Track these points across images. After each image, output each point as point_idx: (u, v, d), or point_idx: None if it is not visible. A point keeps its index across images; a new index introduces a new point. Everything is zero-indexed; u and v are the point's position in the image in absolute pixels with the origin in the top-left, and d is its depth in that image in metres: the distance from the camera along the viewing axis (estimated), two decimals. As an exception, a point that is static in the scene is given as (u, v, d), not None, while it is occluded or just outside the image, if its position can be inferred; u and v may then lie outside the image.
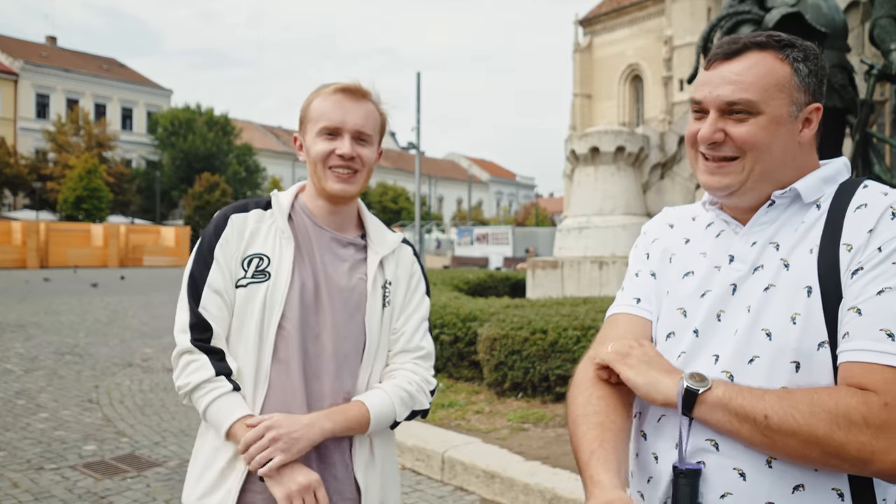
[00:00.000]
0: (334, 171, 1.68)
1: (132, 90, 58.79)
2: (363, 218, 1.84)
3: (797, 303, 1.15)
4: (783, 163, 1.24)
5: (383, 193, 62.93)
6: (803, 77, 1.23)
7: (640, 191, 9.71)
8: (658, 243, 1.44)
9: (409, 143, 33.16)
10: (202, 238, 1.70)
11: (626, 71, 41.33)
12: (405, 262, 1.84)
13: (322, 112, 1.68)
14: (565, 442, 4.79)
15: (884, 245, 1.12)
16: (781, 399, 1.09)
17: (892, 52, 7.05)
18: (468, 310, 6.71)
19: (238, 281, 1.65)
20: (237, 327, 1.65)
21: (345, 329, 1.68)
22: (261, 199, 1.76)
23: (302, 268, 1.68)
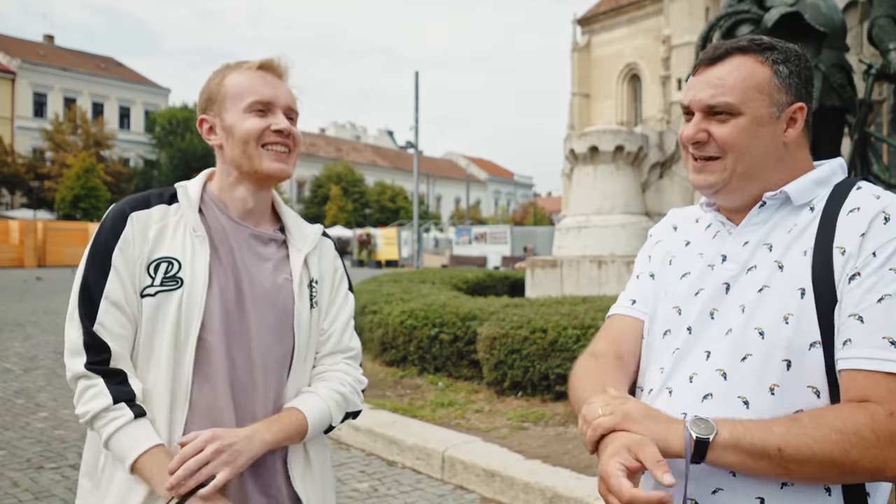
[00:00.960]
0: (270, 149, 1.52)
1: (130, 89, 58.73)
2: (279, 210, 1.66)
3: (790, 304, 1.17)
4: (766, 162, 1.27)
5: (381, 192, 62.90)
6: (784, 78, 1.27)
7: (639, 190, 9.72)
8: (661, 245, 1.48)
9: (407, 142, 33.15)
10: (95, 239, 1.48)
11: (624, 70, 41.35)
12: (328, 256, 1.70)
13: (248, 87, 1.52)
14: (565, 440, 4.80)
15: (878, 250, 1.13)
16: (790, 428, 1.09)
17: (891, 51, 7.06)
18: (467, 309, 6.71)
19: (144, 290, 1.45)
20: (146, 342, 1.45)
21: (272, 335, 1.53)
22: (163, 192, 1.55)
23: (220, 270, 1.50)
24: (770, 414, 1.15)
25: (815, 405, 1.14)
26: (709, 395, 1.22)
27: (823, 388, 1.14)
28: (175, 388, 1.45)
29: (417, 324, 6.77)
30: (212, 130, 1.58)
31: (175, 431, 1.45)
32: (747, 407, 1.17)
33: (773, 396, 1.16)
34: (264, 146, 1.52)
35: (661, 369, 1.33)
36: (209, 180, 1.62)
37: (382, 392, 6.38)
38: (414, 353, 6.81)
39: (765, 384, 1.16)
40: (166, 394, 1.45)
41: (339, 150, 72.58)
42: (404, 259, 38.54)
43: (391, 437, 5.04)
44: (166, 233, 1.49)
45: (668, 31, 35.83)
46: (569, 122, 42.27)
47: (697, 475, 1.18)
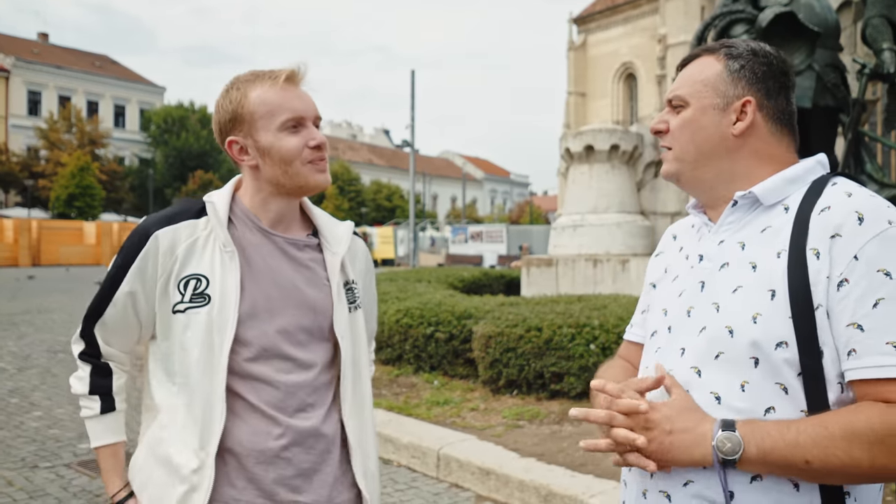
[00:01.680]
0: (312, 165, 1.52)
1: (125, 87, 58.59)
2: (309, 212, 1.66)
3: (760, 304, 1.18)
4: (714, 153, 1.30)
5: (377, 191, 62.88)
6: (733, 71, 1.30)
7: (635, 189, 9.74)
8: (662, 257, 1.52)
9: (403, 140, 33.16)
10: (120, 251, 1.52)
11: (620, 69, 41.36)
12: (361, 257, 1.72)
13: (278, 104, 1.50)
14: (560, 439, 4.82)
15: (859, 253, 1.12)
16: (818, 437, 1.09)
17: (884, 51, 7.08)
18: (463, 307, 6.72)
19: (175, 306, 1.48)
20: (180, 357, 1.49)
21: (313, 342, 1.56)
22: (191, 206, 1.55)
23: (253, 284, 1.51)
24: (740, 408, 1.17)
25: (784, 401, 1.15)
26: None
27: (793, 385, 1.15)
28: (209, 402, 1.47)
29: (413, 322, 6.77)
30: (243, 151, 1.54)
31: (210, 444, 1.47)
32: (719, 402, 1.19)
33: (744, 393, 1.17)
34: (309, 162, 1.52)
35: (647, 368, 1.37)
36: (237, 189, 1.61)
37: (378, 391, 6.38)
38: (409, 351, 6.82)
39: (735, 381, 1.18)
40: (198, 407, 1.47)
41: (335, 148, 72.52)
42: (400, 258, 38.55)
43: (387, 436, 5.05)
44: (196, 249, 1.50)
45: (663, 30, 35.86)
46: (565, 121, 42.28)
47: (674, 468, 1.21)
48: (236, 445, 1.49)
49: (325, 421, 1.57)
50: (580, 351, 5.40)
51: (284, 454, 1.51)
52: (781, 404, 1.16)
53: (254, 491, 1.49)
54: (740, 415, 1.17)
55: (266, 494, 1.50)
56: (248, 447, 1.49)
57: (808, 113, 7.24)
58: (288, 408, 1.52)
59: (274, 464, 1.50)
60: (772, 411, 1.16)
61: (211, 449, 1.46)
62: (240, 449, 1.49)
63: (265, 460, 1.50)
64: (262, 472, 1.50)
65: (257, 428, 1.49)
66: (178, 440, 1.48)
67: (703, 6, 34.35)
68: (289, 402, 1.52)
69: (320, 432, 1.55)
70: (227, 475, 1.49)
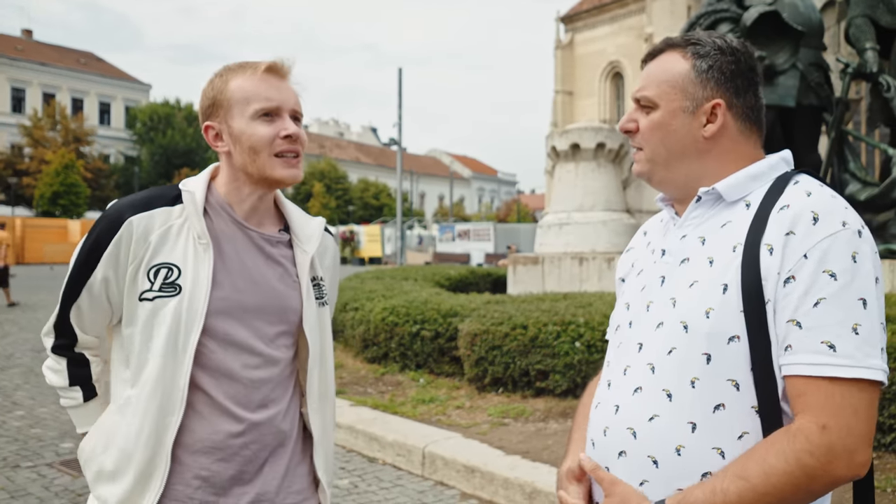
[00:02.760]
0: (283, 157, 1.50)
1: (110, 84, 58.14)
2: (282, 207, 1.64)
3: (713, 298, 1.18)
4: (685, 155, 1.30)
5: (365, 190, 62.74)
6: (701, 72, 1.28)
7: (621, 187, 9.77)
8: (631, 252, 1.52)
9: (390, 139, 33.14)
10: (89, 235, 1.50)
11: (607, 68, 41.48)
12: (330, 254, 1.72)
13: (254, 92, 1.49)
14: (545, 436, 4.83)
15: (809, 252, 1.13)
16: (742, 495, 1.10)
17: (867, 50, 7.15)
18: (449, 306, 6.72)
19: (143, 293, 1.45)
20: (142, 344, 1.46)
21: (281, 338, 1.56)
22: (166, 193, 1.51)
23: (225, 277, 1.49)
24: (691, 406, 1.18)
25: (734, 398, 1.16)
26: (639, 388, 1.25)
27: (744, 381, 1.16)
28: (169, 393, 1.45)
29: (399, 321, 6.77)
30: (218, 137, 1.54)
31: (167, 435, 1.44)
32: (670, 399, 1.20)
33: (694, 389, 1.18)
34: (277, 154, 1.50)
35: (608, 363, 1.38)
36: (213, 179, 1.59)
37: (364, 389, 6.37)
38: (395, 349, 6.81)
39: (686, 377, 1.19)
40: (156, 397, 1.45)
41: (322, 146, 72.29)
42: (387, 256, 38.51)
43: (372, 434, 5.04)
44: (169, 237, 1.47)
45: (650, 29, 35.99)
46: (552, 120, 42.37)
47: (623, 466, 1.25)
48: (195, 441, 1.47)
49: (285, 415, 1.57)
50: (565, 349, 5.42)
51: (243, 452, 1.50)
52: (731, 401, 1.16)
53: (208, 488, 1.48)
54: (689, 412, 1.18)
55: (219, 491, 1.48)
56: (207, 444, 1.47)
57: (792, 112, 7.29)
58: (250, 403, 1.50)
59: (231, 461, 1.49)
60: (721, 408, 1.17)
61: (167, 442, 1.44)
62: (198, 445, 1.47)
63: (223, 458, 1.48)
64: (218, 468, 1.48)
65: (217, 425, 1.48)
66: (133, 431, 1.45)
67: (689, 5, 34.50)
68: (252, 397, 1.50)
69: (278, 427, 1.54)
70: (180, 471, 1.46)
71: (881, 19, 7.20)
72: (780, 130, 7.39)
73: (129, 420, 1.46)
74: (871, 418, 1.11)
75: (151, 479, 1.45)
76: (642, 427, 1.23)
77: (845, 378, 1.09)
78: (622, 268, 1.52)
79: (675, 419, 1.19)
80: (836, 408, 1.09)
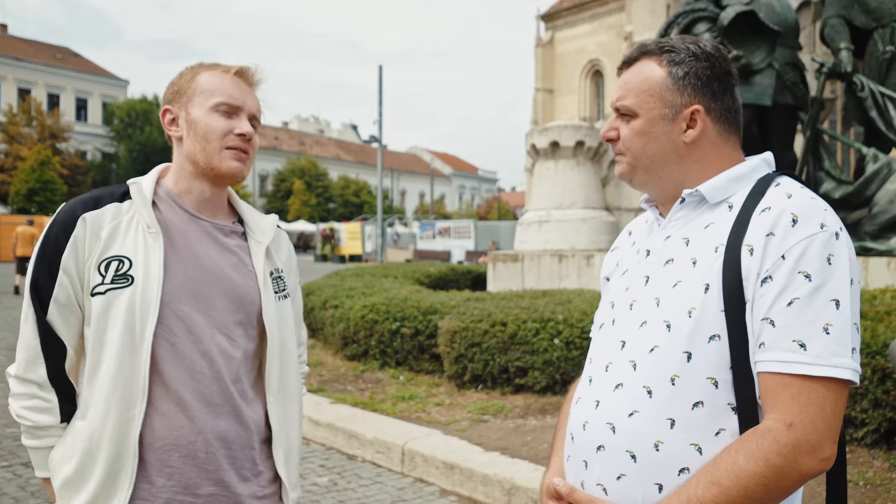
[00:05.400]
0: (231, 150, 1.53)
1: (87, 80, 57.36)
2: (234, 202, 1.67)
3: (695, 298, 1.21)
4: (666, 161, 1.32)
5: (345, 187, 62.53)
6: (678, 79, 1.30)
7: (600, 185, 9.83)
8: (616, 252, 1.54)
9: (371, 136, 33.02)
10: (45, 239, 1.48)
11: (587, 66, 41.67)
12: (285, 248, 1.72)
13: (218, 88, 1.54)
14: (524, 433, 4.85)
15: (787, 253, 1.15)
16: (714, 494, 1.13)
17: (842, 50, 7.25)
18: (429, 303, 6.73)
19: (95, 288, 1.44)
20: (96, 339, 1.45)
21: (239, 328, 1.55)
22: (115, 190, 1.54)
23: (178, 265, 1.49)
24: (670, 403, 1.20)
25: (714, 395, 1.18)
26: (620, 384, 1.27)
27: (723, 378, 1.18)
28: (130, 387, 1.43)
29: (379, 318, 6.76)
30: (174, 122, 1.58)
31: (132, 430, 1.43)
32: (650, 396, 1.22)
33: (674, 387, 1.20)
34: (227, 147, 1.53)
35: (591, 360, 1.40)
36: (162, 176, 1.61)
37: (343, 386, 6.36)
38: (375, 347, 6.81)
39: (666, 374, 1.21)
40: (117, 392, 1.43)
41: (302, 143, 71.92)
42: (368, 253, 38.42)
43: (351, 431, 5.03)
44: (119, 231, 1.48)
45: (630, 27, 36.20)
46: (532, 118, 42.49)
47: (602, 460, 1.26)
48: (156, 438, 1.45)
49: (249, 409, 1.56)
50: (544, 345, 5.44)
51: (208, 448, 1.48)
52: (709, 399, 1.19)
53: (175, 487, 1.46)
54: (668, 408, 1.20)
55: (186, 489, 1.47)
56: (168, 441, 1.46)
57: (768, 110, 7.38)
58: (212, 396, 1.49)
59: (195, 457, 1.47)
60: (700, 405, 1.19)
61: (132, 436, 1.43)
62: (160, 442, 1.45)
63: (187, 454, 1.47)
64: (183, 465, 1.47)
65: (178, 420, 1.46)
66: (96, 428, 1.44)
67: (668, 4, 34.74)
68: (213, 389, 1.49)
69: (243, 420, 1.53)
70: (146, 471, 1.45)
71: (855, 20, 7.31)
72: (757, 129, 7.48)
73: (91, 419, 1.45)
74: (836, 415, 1.14)
75: (119, 478, 1.43)
76: (622, 422, 1.25)
77: (813, 376, 1.12)
78: (607, 267, 1.54)
79: (655, 415, 1.21)
80: (802, 405, 1.12)
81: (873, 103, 7.06)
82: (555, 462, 1.45)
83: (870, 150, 7.08)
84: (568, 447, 1.38)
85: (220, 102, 1.53)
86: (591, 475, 1.29)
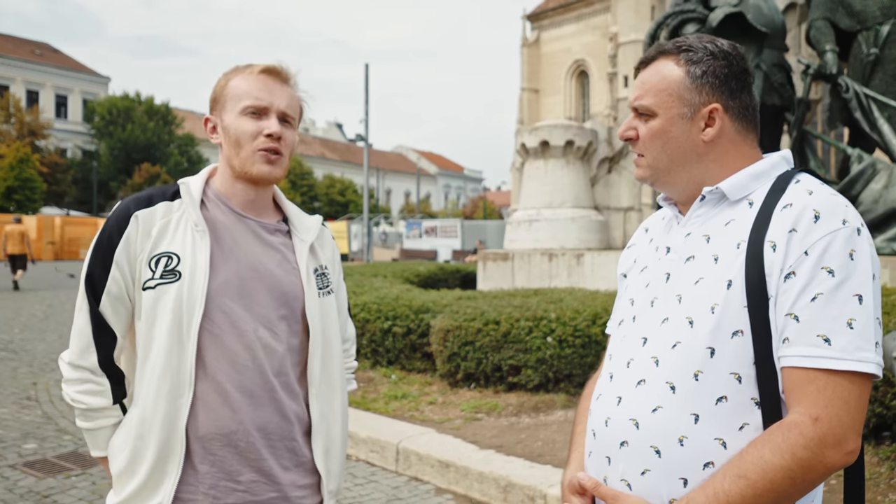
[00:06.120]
0: (261, 153, 1.58)
1: (67, 77, 56.71)
2: (280, 202, 1.73)
3: (718, 294, 1.22)
4: (686, 159, 1.33)
5: (330, 186, 62.31)
6: (696, 78, 1.31)
7: (589, 184, 9.88)
8: (633, 248, 1.55)
9: (357, 135, 32.93)
10: (101, 235, 1.56)
11: (572, 66, 41.83)
12: (328, 246, 1.78)
13: (246, 91, 1.59)
14: (518, 430, 4.87)
15: (810, 249, 1.17)
16: (745, 494, 1.14)
17: (827, 52, 7.34)
18: (420, 302, 6.73)
19: (145, 283, 1.52)
20: (146, 332, 1.52)
21: (283, 323, 1.60)
22: (166, 189, 1.61)
23: (223, 262, 1.56)
24: (694, 398, 1.21)
25: (737, 390, 1.20)
26: (642, 380, 1.29)
27: (746, 374, 1.20)
28: (178, 377, 1.50)
29: (370, 317, 6.75)
30: (214, 130, 1.65)
31: (179, 418, 1.50)
32: (673, 392, 1.23)
33: (697, 382, 1.22)
34: (257, 150, 1.58)
35: (611, 356, 1.41)
36: (211, 176, 1.68)
37: (335, 385, 6.34)
38: (367, 346, 6.80)
39: (690, 370, 1.22)
40: (166, 382, 1.50)
41: (286, 142, 71.42)
42: (354, 253, 38.31)
43: (345, 430, 5.02)
44: (169, 229, 1.55)
45: (615, 28, 36.38)
46: (518, 117, 42.60)
47: (625, 456, 1.28)
48: (200, 427, 1.51)
49: (291, 401, 1.61)
50: (537, 344, 5.47)
51: (248, 437, 1.54)
52: (733, 393, 1.20)
53: (217, 473, 1.53)
54: (692, 404, 1.22)
55: (229, 476, 1.53)
56: (212, 430, 1.52)
57: (756, 111, 7.46)
58: (253, 388, 1.54)
59: (236, 446, 1.53)
60: (723, 400, 1.20)
61: (180, 425, 1.49)
62: (204, 431, 1.51)
63: (228, 442, 1.52)
64: (225, 453, 1.52)
65: (222, 410, 1.52)
66: (148, 415, 1.51)
67: (653, 5, 34.94)
68: (255, 381, 1.55)
69: (284, 412, 1.59)
70: (191, 458, 1.51)
71: (840, 22, 7.39)
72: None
73: (143, 406, 1.52)
74: (861, 409, 1.16)
75: (168, 465, 1.50)
76: (645, 418, 1.26)
77: (838, 370, 1.14)
78: (624, 263, 1.55)
79: (678, 411, 1.23)
80: (827, 399, 1.14)
81: (857, 105, 7.15)
82: (574, 458, 1.46)
83: (854, 150, 7.17)
84: (589, 443, 1.38)
85: (248, 105, 1.59)
86: (614, 471, 1.30)
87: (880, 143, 7.10)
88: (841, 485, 3.23)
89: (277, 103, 1.60)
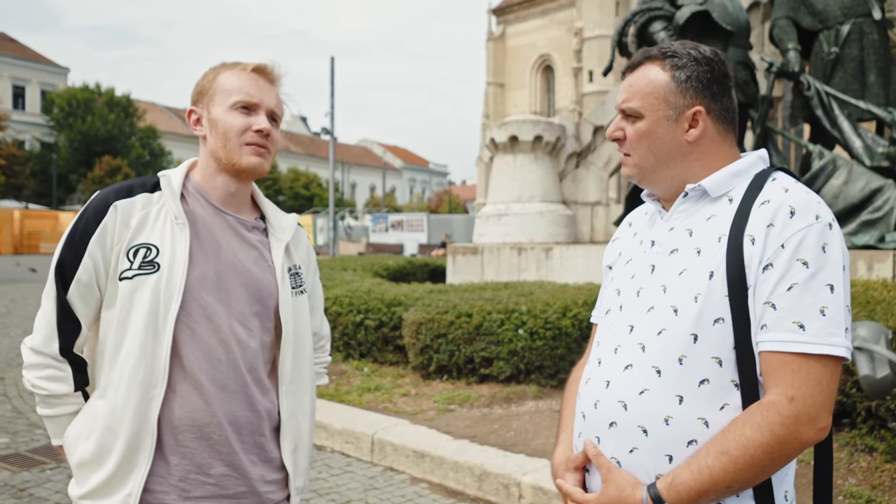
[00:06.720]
0: (250, 146, 1.60)
1: (24, 67, 55.21)
2: (258, 200, 1.75)
3: (701, 284, 1.31)
4: (671, 159, 1.41)
5: (295, 179, 61.71)
6: (681, 82, 1.39)
7: (557, 179, 9.99)
8: (618, 242, 1.63)
9: (322, 128, 32.68)
10: (77, 223, 1.55)
11: (538, 61, 42.07)
12: (304, 246, 1.80)
13: (237, 86, 1.61)
14: (491, 421, 4.94)
15: (786, 242, 1.26)
16: (727, 468, 1.23)
17: (790, 50, 7.53)
18: (392, 295, 6.76)
19: (122, 273, 1.52)
20: (121, 322, 1.52)
21: (256, 319, 1.61)
22: (146, 181, 1.61)
23: (202, 255, 1.57)
24: (678, 381, 1.30)
25: (718, 373, 1.29)
26: (629, 365, 1.37)
27: (727, 358, 1.29)
28: (152, 368, 1.50)
29: (342, 310, 6.76)
30: (198, 122, 1.65)
31: (151, 409, 1.50)
32: (659, 375, 1.32)
33: (681, 366, 1.30)
34: (246, 144, 1.60)
35: (598, 343, 1.50)
36: (191, 170, 1.68)
37: (307, 379, 6.34)
38: (338, 339, 6.81)
39: (674, 355, 1.31)
40: (139, 373, 1.50)
41: (251, 135, 70.49)
42: (320, 246, 38.04)
43: (319, 422, 5.04)
44: (148, 220, 1.55)
45: (580, 23, 36.68)
46: (484, 112, 42.72)
47: (614, 436, 1.36)
48: (174, 419, 1.52)
49: (262, 397, 1.62)
50: (509, 336, 5.54)
51: (221, 430, 1.55)
52: (715, 376, 1.29)
53: (188, 466, 1.53)
54: (677, 386, 1.30)
55: (199, 469, 1.54)
56: (185, 422, 1.52)
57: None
58: (227, 382, 1.56)
59: (208, 438, 1.54)
60: (706, 383, 1.29)
61: (152, 416, 1.49)
62: (177, 423, 1.52)
63: (201, 435, 1.54)
64: (197, 446, 1.53)
65: (195, 402, 1.53)
66: (119, 406, 1.50)
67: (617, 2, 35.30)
68: (228, 375, 1.56)
69: (255, 408, 1.60)
70: (162, 449, 1.52)
71: (803, 21, 7.59)
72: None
73: (113, 397, 1.52)
74: (832, 389, 1.25)
75: (138, 456, 1.50)
76: (633, 400, 1.34)
77: (812, 354, 1.23)
78: (609, 256, 1.63)
79: (664, 393, 1.31)
80: (802, 380, 1.23)
81: (819, 102, 7.35)
82: (563, 439, 1.53)
83: (816, 147, 7.37)
84: (579, 424, 1.46)
85: (238, 101, 1.60)
86: (604, 449, 1.38)
87: (840, 139, 7.31)
88: (806, 468, 3.36)
89: (267, 101, 1.63)
